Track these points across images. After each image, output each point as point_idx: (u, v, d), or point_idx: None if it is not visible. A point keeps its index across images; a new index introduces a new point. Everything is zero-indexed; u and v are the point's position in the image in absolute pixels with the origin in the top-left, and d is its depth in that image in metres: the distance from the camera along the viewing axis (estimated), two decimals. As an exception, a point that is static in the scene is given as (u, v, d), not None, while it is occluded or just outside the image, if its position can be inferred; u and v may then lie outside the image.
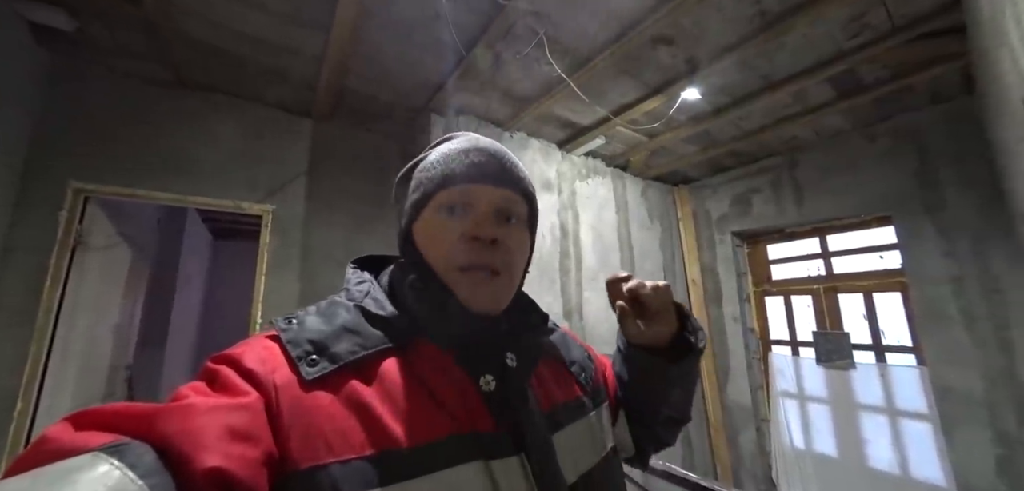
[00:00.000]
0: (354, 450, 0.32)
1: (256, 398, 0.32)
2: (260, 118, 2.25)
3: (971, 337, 2.08)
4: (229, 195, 2.10)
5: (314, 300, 1.03)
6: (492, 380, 0.40)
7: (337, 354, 0.36)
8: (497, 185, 0.43)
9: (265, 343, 0.37)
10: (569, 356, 0.52)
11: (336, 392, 0.34)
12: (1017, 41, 0.82)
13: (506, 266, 0.42)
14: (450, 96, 2.26)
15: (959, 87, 2.11)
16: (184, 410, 0.29)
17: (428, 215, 0.43)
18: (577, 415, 0.46)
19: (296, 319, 0.39)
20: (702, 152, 2.96)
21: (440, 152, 0.45)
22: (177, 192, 1.98)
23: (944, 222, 2.20)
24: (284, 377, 0.34)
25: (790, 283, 3.08)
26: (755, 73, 2.08)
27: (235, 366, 0.34)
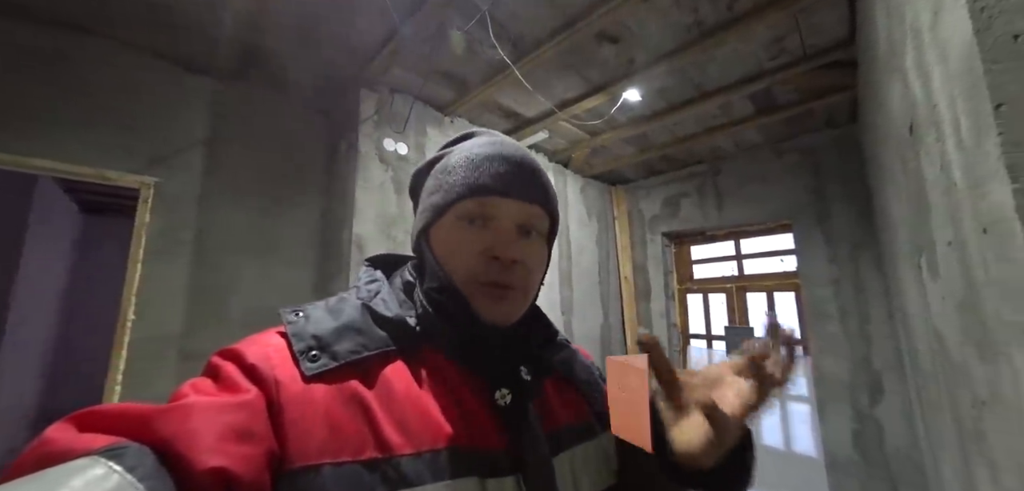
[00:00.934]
0: (350, 452, 0.31)
1: (256, 395, 0.31)
2: (140, 69, 1.82)
3: (844, 331, 2.43)
4: (91, 161, 1.67)
5: (210, 294, 0.89)
6: (508, 393, 0.39)
7: (339, 351, 0.36)
8: (522, 200, 0.41)
9: (270, 337, 0.36)
10: (578, 375, 0.49)
11: (336, 390, 0.34)
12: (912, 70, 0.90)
13: (523, 283, 0.41)
14: (384, 70, 2.05)
15: (847, 115, 2.43)
16: (183, 410, 0.28)
17: (448, 221, 0.41)
18: (583, 438, 0.43)
19: (302, 312, 0.38)
20: (639, 154, 3.08)
21: (463, 155, 0.43)
22: (13, 152, 1.52)
23: (830, 231, 2.54)
24: (286, 372, 0.33)
25: (708, 282, 3.36)
26: (689, 82, 2.19)
27: (238, 361, 0.34)
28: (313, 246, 2.29)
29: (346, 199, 2.11)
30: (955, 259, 0.82)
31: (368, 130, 2.15)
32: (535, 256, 0.43)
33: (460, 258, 0.40)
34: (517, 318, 0.42)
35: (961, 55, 0.58)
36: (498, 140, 0.45)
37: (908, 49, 0.91)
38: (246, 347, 0.35)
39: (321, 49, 1.91)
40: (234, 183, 2.04)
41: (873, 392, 2.30)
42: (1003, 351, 0.62)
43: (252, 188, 2.10)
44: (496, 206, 0.41)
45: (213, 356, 0.35)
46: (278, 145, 2.21)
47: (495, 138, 0.45)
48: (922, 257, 1.19)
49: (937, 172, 0.84)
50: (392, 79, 2.14)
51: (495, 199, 0.41)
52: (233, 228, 2.02)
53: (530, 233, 0.43)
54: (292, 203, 2.23)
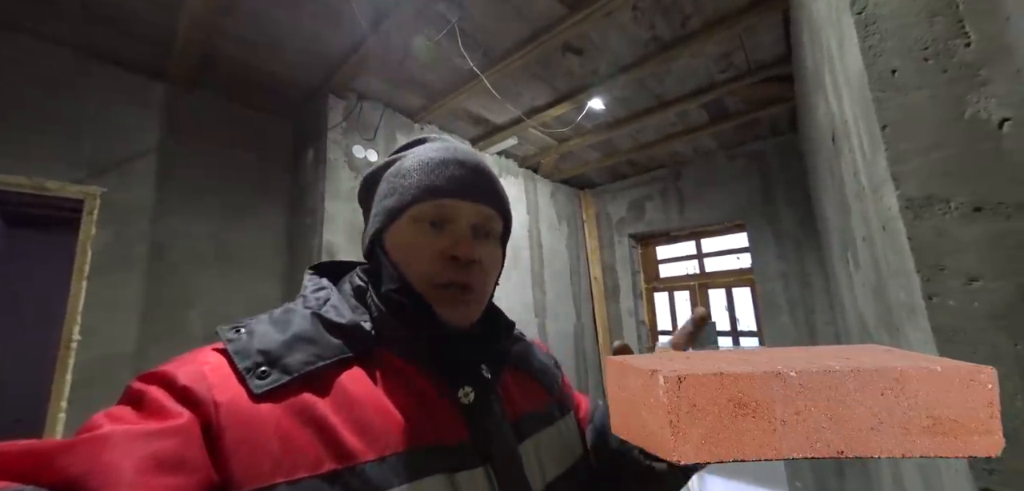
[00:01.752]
0: (307, 468, 0.30)
1: (189, 419, 0.29)
2: (83, 73, 1.71)
3: (793, 321, 2.66)
4: (25, 171, 1.55)
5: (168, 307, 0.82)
6: (471, 392, 0.39)
7: (290, 365, 0.34)
8: (477, 201, 0.42)
9: (207, 355, 0.34)
10: (535, 364, 0.51)
11: (288, 406, 0.32)
12: (830, 89, 1.04)
13: (481, 283, 0.42)
14: (352, 77, 2.04)
15: (788, 124, 2.68)
16: (96, 442, 0.25)
17: (404, 225, 0.41)
18: (544, 424, 0.45)
19: (244, 327, 0.36)
20: (605, 159, 3.22)
21: (417, 159, 0.43)
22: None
23: (778, 231, 2.77)
24: (228, 393, 0.31)
25: (673, 280, 3.55)
26: (649, 92, 2.34)
27: (167, 385, 0.31)
28: (280, 255, 2.23)
29: (315, 207, 2.08)
30: (868, 252, 0.96)
31: (336, 137, 2.13)
32: (491, 257, 0.44)
33: (418, 260, 0.40)
34: (476, 318, 0.43)
35: (858, 83, 0.70)
36: (451, 145, 0.45)
37: (826, 70, 1.06)
38: (176, 368, 0.32)
39: (285, 56, 1.88)
40: (192, 192, 1.96)
41: None
42: (900, 328, 0.74)
43: (212, 197, 2.02)
44: (453, 208, 0.41)
45: (133, 381, 0.32)
46: (240, 153, 2.14)
47: (448, 143, 0.46)
48: (849, 251, 1.32)
49: (852, 178, 0.98)
50: (361, 86, 2.14)
51: (452, 201, 0.41)
52: (192, 239, 1.93)
53: (486, 235, 0.43)
54: (256, 212, 2.17)
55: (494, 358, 0.44)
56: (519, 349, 0.51)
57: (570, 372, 3.25)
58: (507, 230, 0.48)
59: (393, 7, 1.59)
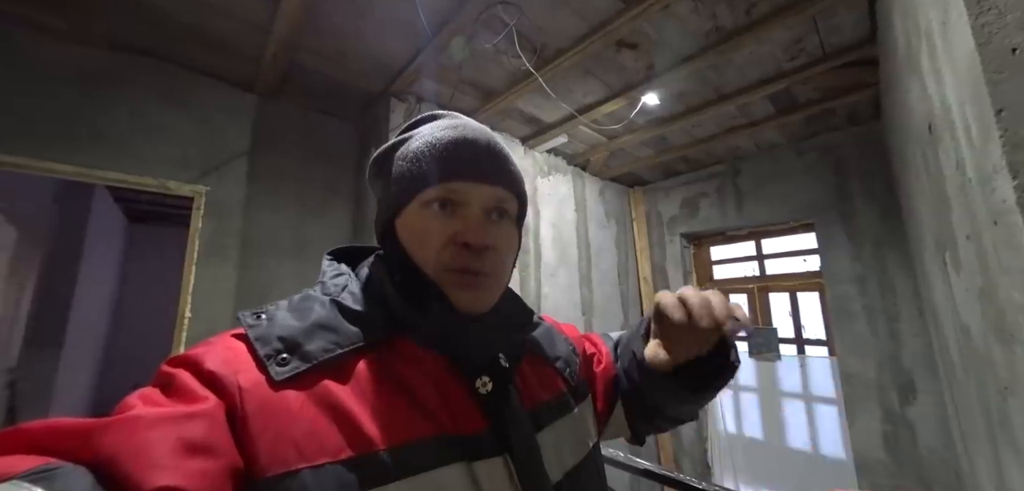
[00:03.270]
0: (327, 454, 0.30)
1: (215, 404, 0.29)
2: (193, 88, 1.99)
3: (870, 329, 2.42)
4: (152, 173, 1.84)
5: (255, 292, 0.90)
6: (489, 382, 0.39)
7: (310, 352, 0.34)
8: (489, 183, 0.41)
9: (230, 342, 0.34)
10: (553, 351, 0.50)
11: (309, 393, 0.32)
12: (928, 73, 0.96)
13: (496, 268, 0.41)
14: (412, 82, 2.16)
15: (869, 113, 2.44)
16: (129, 423, 0.26)
17: (413, 210, 0.40)
18: (561, 413, 0.45)
19: (265, 314, 0.36)
20: (657, 156, 3.12)
21: (425, 141, 0.41)
22: (81, 165, 1.70)
23: (853, 229, 2.53)
24: (250, 378, 0.32)
25: (729, 282, 3.36)
26: (708, 85, 2.23)
27: (194, 369, 0.31)
28: (345, 248, 2.42)
29: (376, 204, 2.22)
30: (973, 251, 0.87)
31: (397, 139, 2.26)
32: (505, 239, 0.42)
33: (429, 247, 0.39)
34: (492, 304, 0.41)
35: (966, 65, 0.65)
36: (461, 122, 0.43)
37: (923, 52, 0.97)
38: (204, 352, 0.33)
39: (351, 65, 2.04)
40: (272, 191, 2.20)
41: (904, 392, 2.28)
42: (1015, 334, 0.68)
43: (288, 195, 2.25)
44: (464, 191, 0.39)
45: (164, 364, 0.32)
46: (312, 155, 2.36)
47: (458, 121, 0.43)
48: (946, 252, 1.20)
49: (954, 169, 0.89)
50: (420, 90, 2.26)
51: (462, 184, 0.39)
52: (273, 231, 2.17)
53: (499, 216, 0.42)
54: (327, 208, 2.38)
55: (512, 346, 0.43)
56: (537, 335, 0.50)
57: (617, 373, 3.19)
58: (522, 210, 0.46)
59: (454, 14, 1.68)
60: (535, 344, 0.49)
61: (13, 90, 1.59)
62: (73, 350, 2.69)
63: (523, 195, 0.45)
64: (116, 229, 3.63)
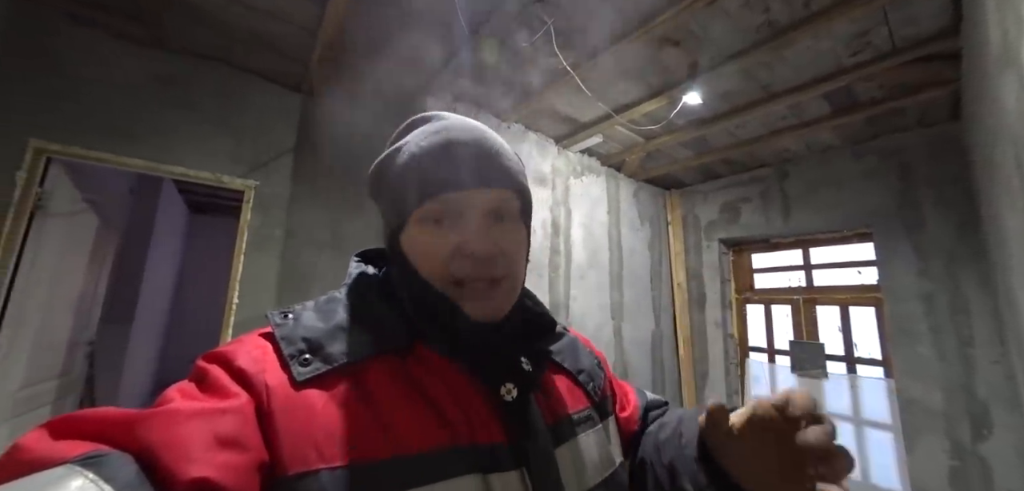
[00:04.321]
0: (345, 456, 0.30)
1: (246, 400, 0.30)
2: (247, 88, 2.10)
3: (937, 352, 2.17)
4: (209, 167, 1.96)
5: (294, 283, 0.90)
6: (514, 388, 0.37)
7: (331, 354, 0.34)
8: (484, 187, 0.39)
9: (258, 340, 0.35)
10: (577, 364, 0.48)
11: (330, 395, 0.32)
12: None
13: (507, 272, 0.39)
14: (449, 82, 2.17)
15: (945, 113, 2.18)
16: (167, 416, 0.27)
17: (412, 229, 0.39)
18: (583, 428, 0.43)
19: (292, 314, 0.37)
20: (697, 158, 2.97)
21: (409, 154, 0.39)
22: (151, 160, 1.83)
23: (921, 242, 2.27)
24: (276, 377, 0.32)
25: (771, 292, 3.14)
26: (756, 83, 2.08)
27: (226, 365, 0.32)
28: (379, 244, 2.48)
29: (411, 201, 2.26)
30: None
31: (432, 137, 2.28)
32: (512, 240, 0.40)
33: (434, 263, 0.38)
34: (508, 309, 0.40)
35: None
36: (445, 125, 0.40)
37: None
38: (234, 349, 0.33)
39: (391, 66, 2.07)
40: (314, 187, 2.28)
41: (977, 425, 2.02)
42: None
43: (328, 190, 2.33)
44: (458, 201, 0.38)
45: (199, 359, 0.33)
46: (350, 152, 2.43)
47: (442, 123, 0.40)
48: None
49: (1068, 179, 0.76)
50: (456, 89, 2.26)
51: (455, 194, 0.38)
52: (313, 226, 2.26)
53: (502, 217, 0.40)
54: (363, 205, 2.44)
55: (533, 352, 0.42)
56: (560, 346, 0.48)
57: (646, 381, 3.08)
58: (527, 205, 0.43)
59: (493, 12, 1.65)
60: (558, 354, 0.47)
61: (98, 92, 1.74)
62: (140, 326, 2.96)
63: (524, 190, 0.42)
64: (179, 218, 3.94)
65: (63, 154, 1.65)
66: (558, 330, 0.48)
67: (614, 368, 2.85)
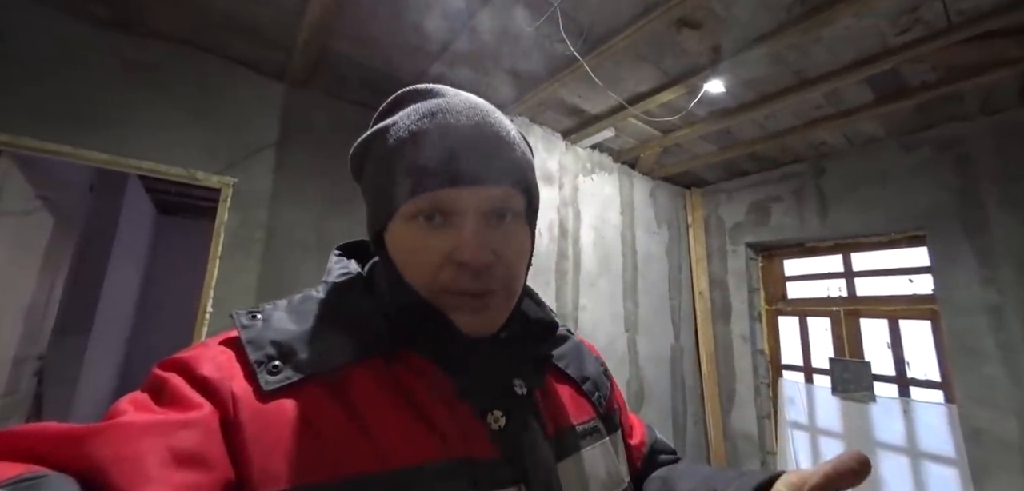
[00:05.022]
0: (320, 473, 0.29)
1: (209, 412, 0.29)
2: (224, 77, 2.06)
3: (1009, 375, 2.04)
4: (181, 162, 1.91)
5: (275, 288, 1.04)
6: (502, 416, 0.36)
7: (304, 361, 0.33)
8: (484, 184, 0.36)
9: (223, 344, 0.34)
10: (582, 371, 0.47)
11: (303, 404, 0.31)
12: None
13: (504, 283, 0.37)
14: (449, 69, 2.13)
15: (1012, 98, 2.08)
16: (119, 430, 0.26)
17: (398, 225, 0.37)
18: (588, 441, 0.42)
19: (261, 314, 0.36)
20: (720, 153, 2.89)
21: (399, 137, 0.36)
22: (114, 153, 1.78)
23: (985, 246, 2.16)
24: (243, 385, 0.31)
25: (807, 303, 3.03)
26: (787, 68, 2.02)
27: (187, 373, 0.31)
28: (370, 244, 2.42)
29: (403, 201, 2.20)
30: None
31: (426, 130, 2.23)
32: (512, 243, 0.38)
33: (422, 268, 0.36)
34: (502, 323, 0.38)
35: None
36: (441, 105, 0.37)
37: None
38: (197, 355, 0.32)
39: (385, 51, 2.02)
40: (298, 184, 2.23)
41: None
42: None
43: (315, 189, 2.27)
44: (453, 199, 0.35)
45: (155, 367, 0.32)
46: (339, 147, 2.38)
47: (437, 103, 0.37)
48: None
49: None
50: (455, 77, 2.21)
51: (450, 191, 0.35)
52: (297, 226, 2.20)
53: (504, 216, 0.37)
54: (353, 203, 2.39)
55: (531, 367, 0.40)
56: (564, 351, 0.47)
57: (664, 400, 2.97)
58: (532, 202, 0.41)
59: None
60: (561, 360, 0.46)
61: (55, 77, 1.70)
62: (99, 339, 2.89)
63: (530, 186, 0.40)
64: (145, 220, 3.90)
65: (13, 145, 1.61)
66: (561, 333, 0.47)
67: (629, 387, 2.75)
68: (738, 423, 3.06)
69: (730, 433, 3.09)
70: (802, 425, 2.87)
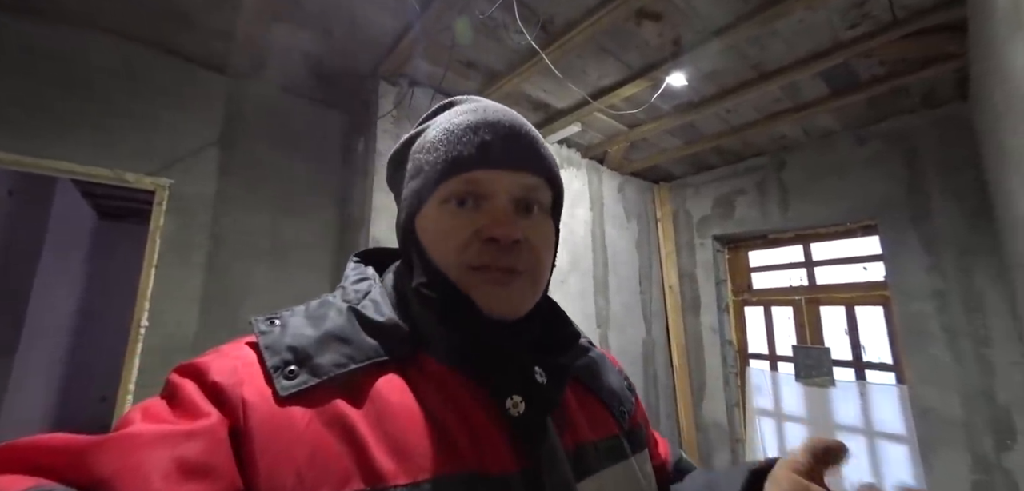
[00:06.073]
0: (331, 485, 0.29)
1: (217, 420, 0.29)
2: (157, 69, 1.92)
3: (952, 355, 2.16)
4: (107, 163, 1.77)
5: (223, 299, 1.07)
6: (521, 401, 0.36)
7: (320, 366, 0.33)
8: (516, 170, 0.39)
9: (240, 349, 0.34)
10: (604, 384, 0.46)
11: (317, 412, 0.31)
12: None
13: (529, 266, 0.39)
14: (404, 62, 2.06)
15: (952, 91, 2.20)
16: (126, 442, 0.26)
17: (432, 208, 0.39)
18: (612, 459, 0.41)
19: (279, 320, 0.36)
20: (686, 147, 2.94)
21: (442, 128, 0.40)
22: (31, 155, 1.63)
23: (930, 233, 2.28)
24: (256, 391, 0.31)
25: (771, 293, 3.13)
26: (746, 61, 2.06)
27: (199, 379, 0.31)
28: (330, 250, 2.34)
29: (364, 201, 2.13)
30: None
31: (387, 126, 2.16)
32: (540, 233, 0.40)
33: (450, 245, 0.38)
34: (527, 309, 0.39)
35: None
36: (481, 105, 0.42)
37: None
38: (210, 361, 0.32)
39: (336, 43, 1.94)
40: (249, 185, 2.11)
41: (1000, 434, 2.01)
42: None
43: (267, 190, 2.16)
44: (486, 181, 0.38)
45: (172, 372, 0.32)
46: (293, 145, 2.27)
47: (477, 104, 0.42)
48: None
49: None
50: (413, 71, 2.15)
51: (484, 173, 0.38)
52: (247, 231, 2.08)
53: (531, 208, 0.40)
54: (308, 205, 2.29)
55: (551, 364, 0.40)
56: (585, 363, 0.46)
57: (639, 396, 3.00)
58: (558, 200, 0.44)
59: (445, -23, 1.55)
60: (582, 372, 0.45)
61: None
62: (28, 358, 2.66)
63: (557, 181, 0.43)
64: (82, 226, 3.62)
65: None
66: (583, 344, 0.46)
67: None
68: (709, 413, 3.14)
69: (701, 423, 3.17)
70: (768, 412, 2.97)
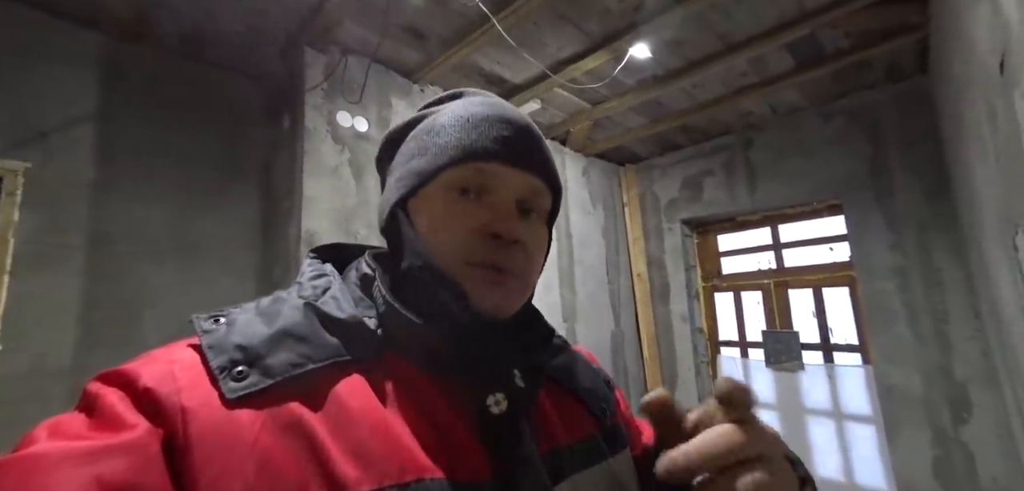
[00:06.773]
0: None
1: (146, 431, 0.27)
2: (10, 21, 1.61)
3: (913, 333, 2.27)
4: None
5: (113, 307, 0.89)
6: (503, 398, 0.36)
7: (273, 366, 0.32)
8: (525, 169, 0.40)
9: (178, 351, 0.33)
10: (580, 382, 0.47)
11: (269, 417, 0.30)
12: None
13: (524, 268, 0.40)
14: (333, 25, 1.88)
15: (914, 63, 2.29)
16: (28, 463, 0.24)
17: (435, 191, 0.39)
18: (589, 461, 0.41)
19: (225, 317, 0.35)
20: (651, 125, 2.93)
21: (455, 114, 0.41)
22: None
23: (892, 211, 2.38)
24: (197, 397, 0.29)
25: (740, 278, 3.20)
26: (712, 31, 2.05)
27: (126, 387, 0.30)
28: (254, 247, 2.13)
29: (292, 187, 1.94)
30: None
31: (316, 101, 1.98)
32: (536, 238, 0.42)
33: (450, 234, 0.38)
34: (514, 310, 0.40)
35: None
36: (496, 100, 0.44)
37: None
38: (140, 366, 0.31)
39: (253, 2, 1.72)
40: (143, 169, 1.86)
41: (957, 409, 2.14)
42: None
43: (167, 176, 1.91)
44: (496, 175, 0.39)
45: (91, 380, 0.31)
46: (202, 121, 2.03)
47: (492, 98, 0.44)
48: (1018, 231, 1.09)
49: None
50: (345, 37, 1.98)
51: (496, 166, 0.39)
52: (143, 226, 1.84)
53: (530, 212, 0.42)
54: (223, 193, 2.06)
55: (529, 365, 0.40)
56: (560, 362, 0.47)
57: (608, 393, 2.99)
58: (555, 209, 0.46)
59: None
60: (558, 372, 0.46)
61: None
62: None
63: (558, 190, 0.45)
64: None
65: None
66: (556, 342, 0.46)
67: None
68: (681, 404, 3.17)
69: (673, 416, 3.20)
70: (739, 400, 3.04)
